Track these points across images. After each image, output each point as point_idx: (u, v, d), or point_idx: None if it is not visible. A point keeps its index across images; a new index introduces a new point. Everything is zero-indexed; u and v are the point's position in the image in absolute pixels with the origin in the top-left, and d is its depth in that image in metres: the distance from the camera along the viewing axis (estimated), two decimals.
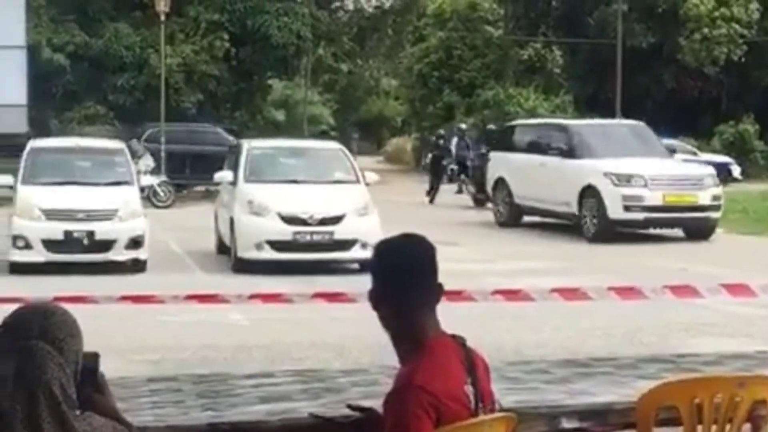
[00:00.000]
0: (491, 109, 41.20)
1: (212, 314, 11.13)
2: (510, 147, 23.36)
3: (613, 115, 37.56)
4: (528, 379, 4.83)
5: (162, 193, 27.66)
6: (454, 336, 3.59)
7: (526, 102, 41.32)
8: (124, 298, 6.94)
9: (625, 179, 19.41)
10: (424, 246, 3.59)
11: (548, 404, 4.36)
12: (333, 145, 18.86)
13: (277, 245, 15.47)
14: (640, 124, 23.05)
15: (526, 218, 22.43)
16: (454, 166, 31.22)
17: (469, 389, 3.43)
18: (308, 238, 15.52)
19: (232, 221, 16.04)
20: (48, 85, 35.53)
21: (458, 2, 48.99)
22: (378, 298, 3.53)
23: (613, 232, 19.31)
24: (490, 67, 46.53)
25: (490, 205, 24.27)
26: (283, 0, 39.49)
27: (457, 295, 5.23)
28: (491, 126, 33.27)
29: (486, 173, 24.19)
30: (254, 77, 40.36)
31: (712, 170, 20.95)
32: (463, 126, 34.74)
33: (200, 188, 30.85)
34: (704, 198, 19.52)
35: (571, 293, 6.41)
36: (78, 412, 2.75)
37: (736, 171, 36.84)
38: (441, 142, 32.68)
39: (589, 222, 19.65)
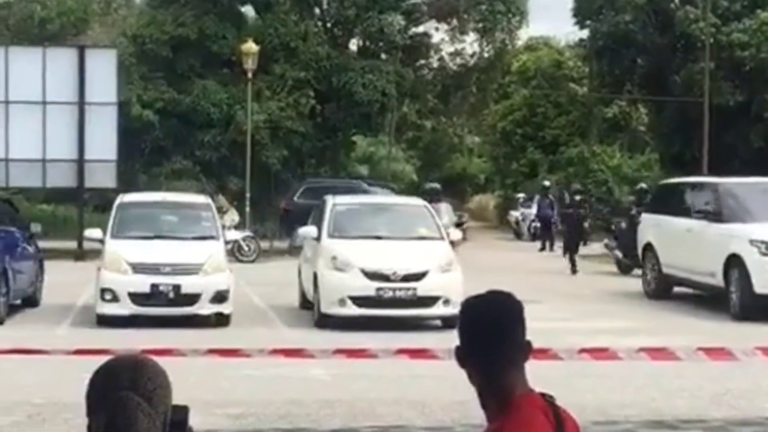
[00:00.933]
0: (575, 166, 41.02)
1: (295, 369, 11.17)
2: (661, 208, 20.98)
3: (700, 174, 37.18)
4: None
5: (246, 248, 27.91)
6: (543, 395, 3.56)
7: (611, 160, 41.09)
8: (211, 351, 6.99)
9: None
10: (510, 302, 3.58)
11: None
12: (417, 201, 18.88)
13: (359, 301, 15.49)
14: None
15: (679, 289, 20.14)
16: (537, 224, 31.04)
17: None
18: (391, 294, 15.51)
19: (315, 276, 16.11)
20: (137, 140, 36.22)
21: (542, 60, 49.12)
22: (464, 356, 3.52)
23: (763, 310, 16.66)
24: (575, 125, 46.44)
25: (638, 271, 22.41)
26: (368, 57, 39.92)
27: (542, 353, 5.19)
28: (642, 185, 29.54)
29: (636, 237, 21.98)
30: (339, 133, 40.70)
31: None
32: (547, 183, 34.62)
33: (284, 244, 31.05)
34: None
35: (658, 353, 6.32)
36: None
37: None
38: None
39: (735, 296, 17.32)
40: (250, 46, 32.69)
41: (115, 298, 15.44)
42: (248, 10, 41.02)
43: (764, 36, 40.61)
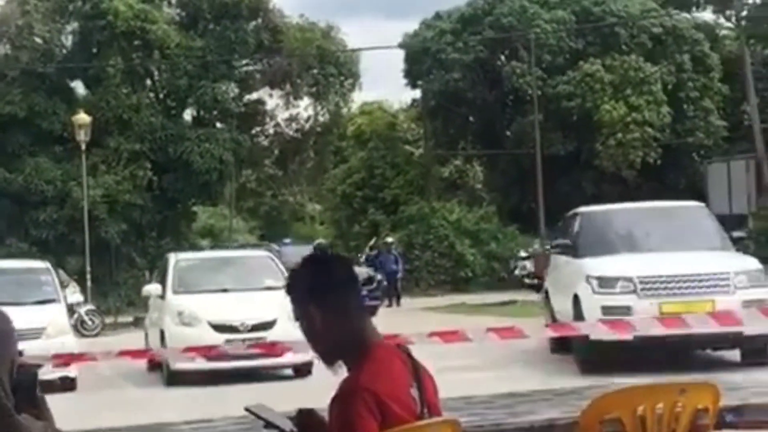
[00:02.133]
0: (416, 223, 41.50)
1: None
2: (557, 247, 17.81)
3: (537, 224, 38.09)
4: (472, 410, 4.80)
5: (90, 322, 27.30)
6: (398, 345, 3.60)
7: (451, 215, 41.73)
8: None
9: (610, 284, 14.53)
10: (343, 258, 3.74)
11: (491, 422, 4.34)
12: (261, 252, 18.87)
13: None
14: (695, 206, 17.52)
15: None
16: (384, 282, 31.24)
17: (414, 393, 3.43)
18: (241, 345, 15.36)
19: (162, 334, 15.86)
20: None
21: (377, 123, 49.76)
22: (314, 313, 3.53)
23: (603, 359, 13.59)
24: (413, 184, 47.08)
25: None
26: (203, 126, 39.79)
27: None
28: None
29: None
30: (178, 205, 40.32)
31: (751, 264, 15.06)
32: (390, 240, 34.93)
33: (128, 318, 30.57)
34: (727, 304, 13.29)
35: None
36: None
37: None
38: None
39: (575, 346, 14.56)
40: (83, 117, 32.27)
41: None
42: (78, 86, 40.50)
43: (587, 87, 42.08)
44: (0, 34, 38.11)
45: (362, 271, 28.23)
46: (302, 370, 15.37)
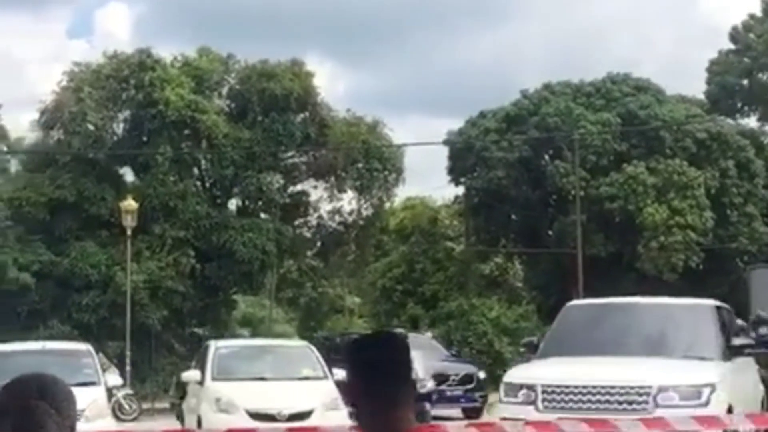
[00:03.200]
0: (455, 319, 41.45)
1: None
2: None
3: None
4: None
5: (127, 407, 27.41)
6: None
7: (490, 312, 41.65)
8: None
9: (513, 392, 13.19)
10: (400, 341, 3.71)
11: None
12: (299, 342, 18.97)
13: None
14: (698, 305, 15.22)
15: None
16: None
17: None
18: None
19: (199, 420, 15.93)
20: (13, 303, 35.56)
21: (419, 218, 50.00)
22: (357, 395, 3.62)
23: None
24: (453, 280, 47.11)
25: None
26: (247, 216, 40.17)
27: None
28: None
29: None
30: (219, 292, 40.56)
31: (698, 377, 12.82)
32: (429, 334, 34.89)
33: (165, 404, 30.61)
34: None
35: None
36: None
37: None
38: None
39: None
40: (130, 203, 32.73)
41: None
42: (126, 172, 41.14)
43: (631, 189, 42.19)
44: (54, 120, 38.87)
45: (462, 367, 26.89)
46: None
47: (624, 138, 43.82)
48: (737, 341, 14.07)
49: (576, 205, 40.46)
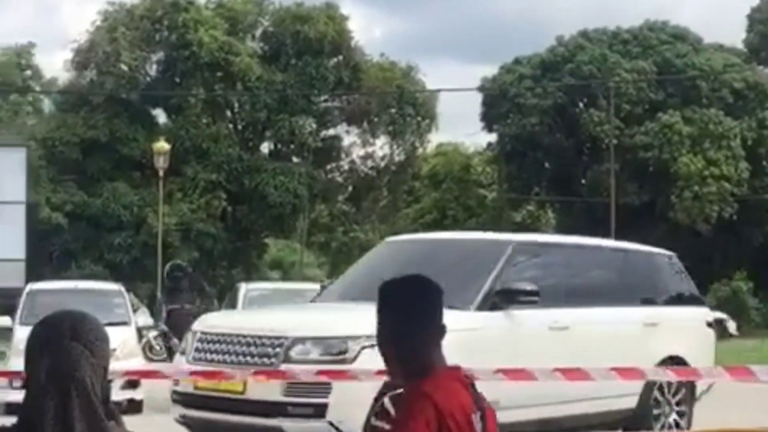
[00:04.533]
0: None
1: None
2: None
3: None
4: None
5: (157, 347, 27.54)
6: (464, 375, 3.60)
7: None
8: None
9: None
10: (431, 285, 3.64)
11: None
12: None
13: None
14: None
15: None
16: None
17: (476, 419, 3.40)
18: None
19: None
20: (46, 243, 35.80)
21: (452, 164, 49.88)
22: (386, 338, 3.56)
23: None
24: (485, 228, 46.88)
25: None
26: (279, 159, 40.18)
27: None
28: None
29: None
30: (250, 236, 40.70)
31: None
32: None
33: None
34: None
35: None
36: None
37: (732, 327, 36.78)
38: None
39: None
40: (162, 145, 32.76)
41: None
42: (159, 113, 41.21)
43: (666, 138, 41.84)
44: (87, 60, 38.91)
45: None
46: None
47: (660, 87, 43.40)
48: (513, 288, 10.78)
49: (610, 154, 40.20)
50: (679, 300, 12.84)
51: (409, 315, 3.53)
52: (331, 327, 10.02)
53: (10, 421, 2.84)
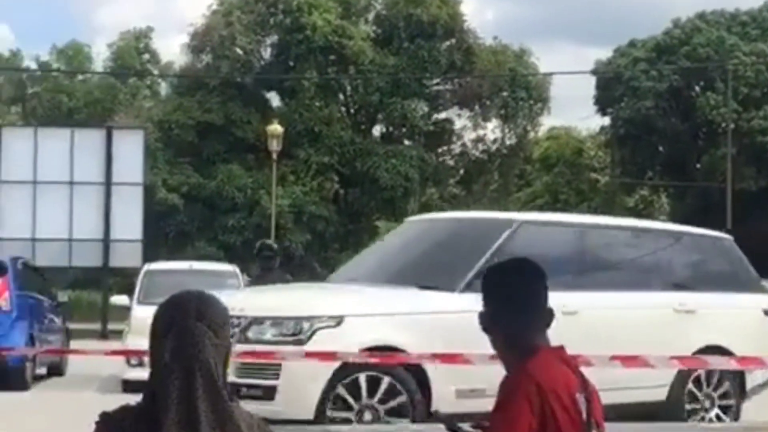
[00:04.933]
0: None
1: None
2: None
3: None
4: None
5: None
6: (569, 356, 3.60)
7: None
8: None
9: None
10: (536, 268, 3.64)
11: None
12: None
13: None
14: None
15: None
16: None
17: (581, 399, 3.38)
18: None
19: None
20: (162, 224, 36.46)
21: (564, 148, 49.45)
22: (491, 322, 3.58)
23: None
24: (597, 212, 46.49)
25: None
26: (391, 143, 40.28)
27: None
28: None
29: None
30: (362, 218, 40.90)
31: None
32: None
33: None
34: None
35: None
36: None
37: None
38: None
39: None
40: (276, 128, 33.06)
41: (141, 363, 15.42)
42: (273, 96, 41.61)
43: None
44: (203, 44, 39.46)
45: None
46: None
47: None
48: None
49: (727, 138, 39.44)
50: (728, 285, 11.61)
51: (513, 299, 3.54)
52: (289, 307, 9.73)
53: (128, 398, 2.91)
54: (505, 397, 3.29)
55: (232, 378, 8.48)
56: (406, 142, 41.19)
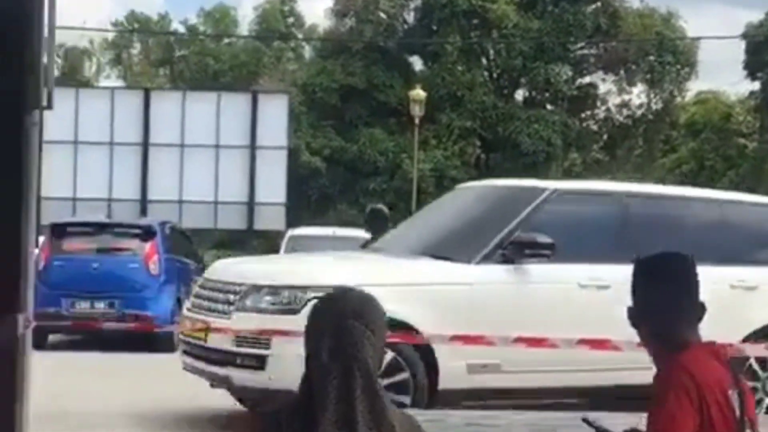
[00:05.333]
0: None
1: None
2: None
3: None
4: None
5: None
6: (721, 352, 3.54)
7: None
8: None
9: None
10: (687, 262, 3.57)
11: None
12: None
13: None
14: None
15: None
16: None
17: (734, 395, 3.33)
18: None
19: None
20: (304, 187, 36.88)
21: (711, 113, 48.26)
22: (640, 316, 3.53)
23: None
24: (745, 179, 45.35)
25: None
26: (534, 107, 39.93)
27: None
28: None
29: None
30: None
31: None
32: None
33: None
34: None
35: None
36: None
37: None
38: None
39: None
40: (418, 93, 33.04)
41: None
42: (415, 61, 41.60)
43: None
44: (347, 8, 39.63)
45: None
46: None
47: None
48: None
49: None
50: None
51: (662, 292, 3.49)
52: (286, 276, 9.55)
53: None
54: (664, 393, 3.25)
55: (228, 347, 8.91)
56: (549, 107, 40.74)
